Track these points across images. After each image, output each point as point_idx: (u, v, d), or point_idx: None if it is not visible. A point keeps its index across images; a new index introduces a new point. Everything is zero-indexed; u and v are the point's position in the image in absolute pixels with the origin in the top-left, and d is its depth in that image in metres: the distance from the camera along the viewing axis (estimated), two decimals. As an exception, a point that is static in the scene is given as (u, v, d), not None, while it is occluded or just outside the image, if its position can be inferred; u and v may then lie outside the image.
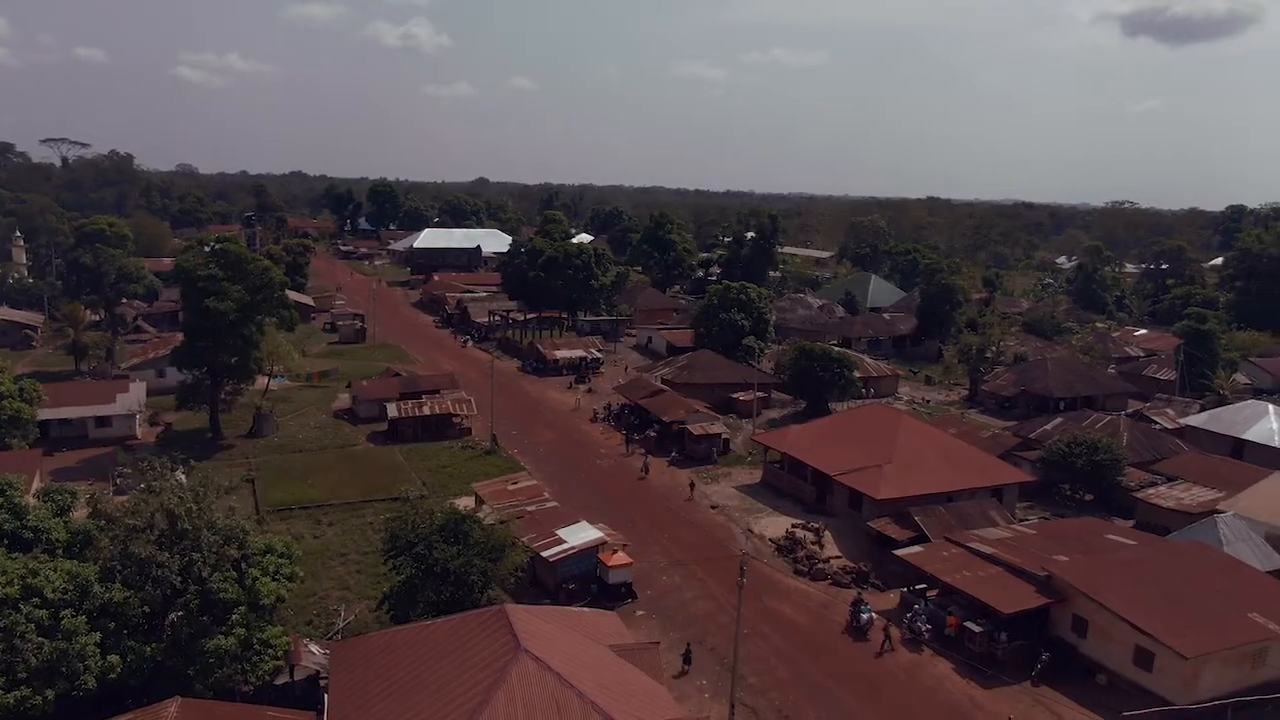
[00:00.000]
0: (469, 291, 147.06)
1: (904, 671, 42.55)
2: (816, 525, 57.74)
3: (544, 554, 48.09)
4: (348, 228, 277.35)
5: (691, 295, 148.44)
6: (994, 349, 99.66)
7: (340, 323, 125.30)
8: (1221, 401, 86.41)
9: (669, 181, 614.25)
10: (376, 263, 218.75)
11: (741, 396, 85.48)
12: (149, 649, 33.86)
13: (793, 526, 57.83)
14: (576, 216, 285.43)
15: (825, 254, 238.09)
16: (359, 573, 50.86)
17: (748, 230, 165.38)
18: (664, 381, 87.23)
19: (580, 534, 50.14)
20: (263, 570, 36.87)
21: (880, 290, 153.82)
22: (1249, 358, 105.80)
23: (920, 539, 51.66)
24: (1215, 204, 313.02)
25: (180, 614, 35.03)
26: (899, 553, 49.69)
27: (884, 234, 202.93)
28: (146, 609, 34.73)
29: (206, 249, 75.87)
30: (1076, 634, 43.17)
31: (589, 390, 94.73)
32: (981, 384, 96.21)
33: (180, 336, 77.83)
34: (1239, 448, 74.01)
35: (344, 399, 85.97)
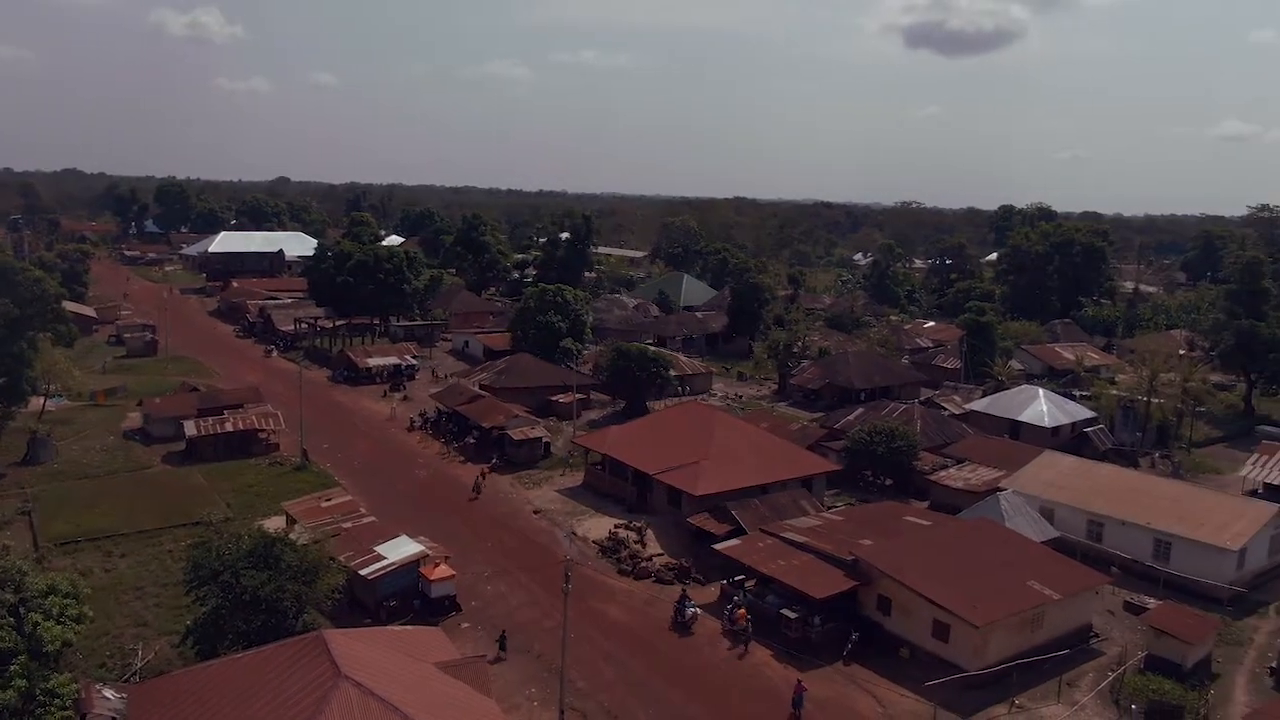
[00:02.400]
0: (272, 298, 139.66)
1: (725, 662, 43.98)
2: (639, 524, 58.70)
3: (362, 572, 46.46)
4: (133, 231, 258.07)
5: (508, 297, 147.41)
6: (800, 344, 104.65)
7: (127, 335, 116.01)
8: (1000, 387, 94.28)
9: (481, 181, 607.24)
10: (167, 269, 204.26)
11: (561, 399, 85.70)
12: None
13: (615, 527, 58.54)
14: (386, 218, 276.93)
15: (639, 254, 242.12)
16: (158, 606, 47.35)
17: (562, 231, 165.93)
18: (482, 386, 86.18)
19: (400, 548, 48.78)
20: (44, 614, 33.72)
21: (693, 289, 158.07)
22: (1022, 346, 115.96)
23: (738, 532, 53.48)
24: (989, 203, 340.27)
25: (-54, 670, 31.51)
26: (718, 546, 51.27)
27: (695, 234, 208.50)
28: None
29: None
30: (882, 612, 45.98)
31: (404, 398, 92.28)
32: (789, 378, 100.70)
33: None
34: (1016, 429, 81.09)
35: (134, 418, 79.72)
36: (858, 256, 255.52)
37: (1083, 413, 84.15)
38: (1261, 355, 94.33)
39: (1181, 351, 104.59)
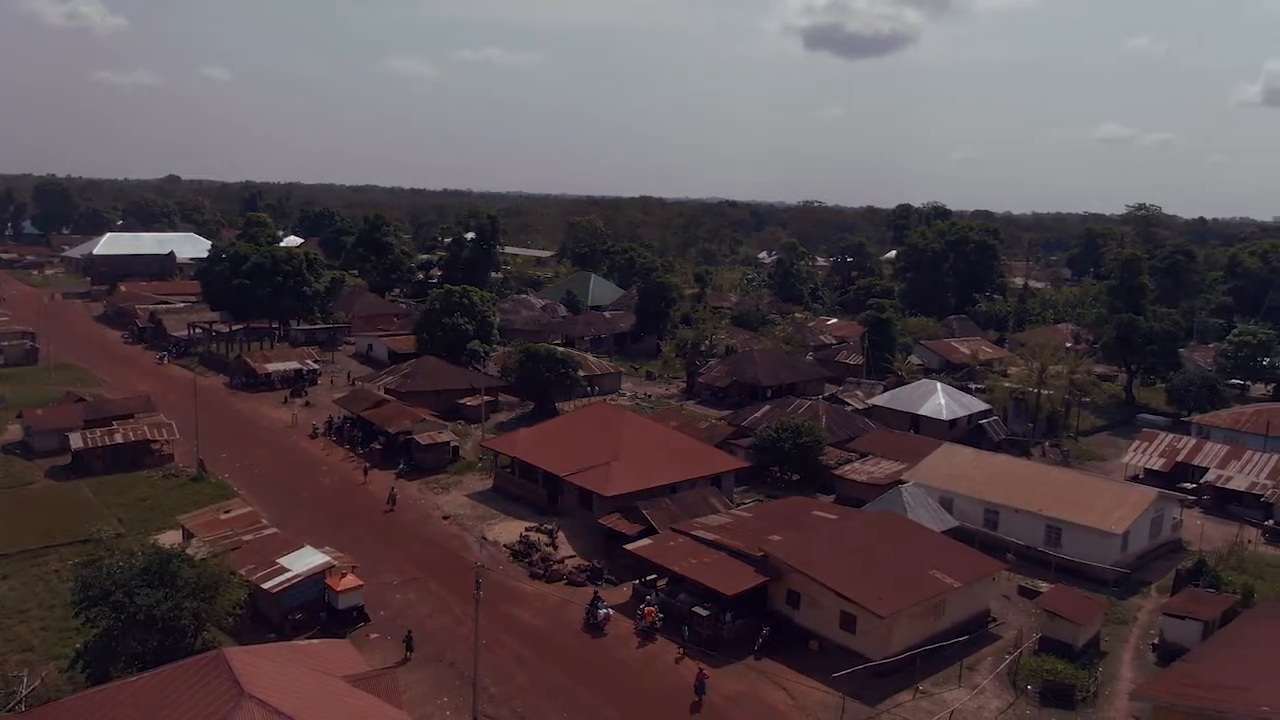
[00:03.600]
0: (163, 302, 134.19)
1: (638, 662, 44.18)
2: (550, 526, 58.50)
3: (265, 586, 45.08)
4: (9, 232, 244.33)
5: (412, 299, 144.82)
6: (707, 342, 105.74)
7: (5, 343, 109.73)
8: (900, 382, 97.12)
9: (383, 180, 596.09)
10: (48, 272, 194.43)
11: (469, 402, 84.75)
12: None
13: (526, 530, 58.20)
14: (283, 218, 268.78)
15: (546, 253, 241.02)
16: (44, 630, 44.94)
17: (467, 231, 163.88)
18: (387, 391, 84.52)
19: (304, 560, 47.50)
20: (-83, 643, 31.67)
21: (600, 289, 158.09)
22: (920, 341, 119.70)
23: (649, 531, 53.74)
24: (888, 202, 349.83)
25: None
26: (629, 547, 51.44)
27: (602, 234, 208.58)
28: None
29: None
30: (791, 606, 46.86)
31: (306, 404, 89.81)
32: (698, 377, 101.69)
33: None
34: (916, 422, 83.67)
35: (14, 430, 75.57)
36: (763, 255, 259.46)
37: (978, 405, 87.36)
38: (1140, 347, 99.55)
39: (1068, 345, 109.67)
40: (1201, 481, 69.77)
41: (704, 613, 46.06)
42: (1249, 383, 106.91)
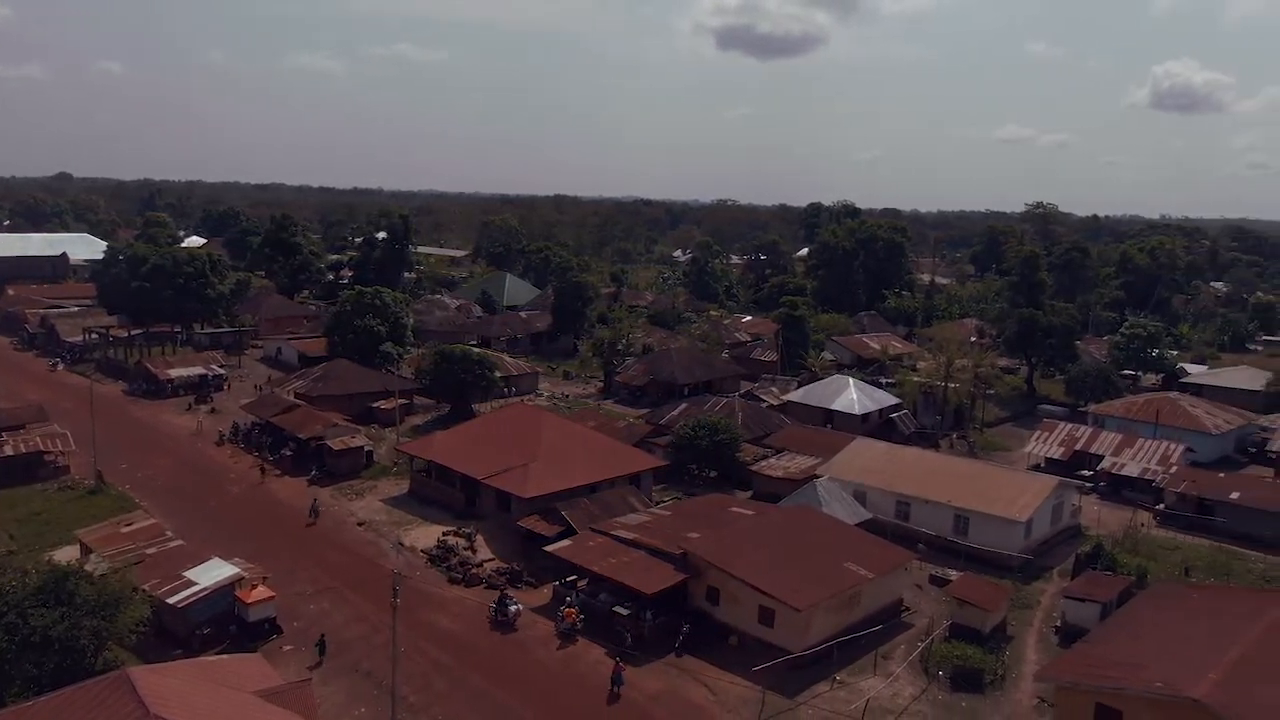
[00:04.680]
0: (56, 306, 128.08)
1: (559, 663, 44.03)
2: (468, 530, 57.87)
3: (170, 600, 43.50)
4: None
5: (322, 301, 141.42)
6: (624, 341, 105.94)
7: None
8: (814, 378, 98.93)
9: (290, 178, 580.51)
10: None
11: (383, 405, 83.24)
12: None
13: (444, 534, 57.45)
14: (184, 217, 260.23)
15: (460, 253, 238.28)
16: (-72, 655, 42.52)
17: (379, 230, 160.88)
18: (298, 395, 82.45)
19: (212, 572, 45.99)
20: None
21: (516, 288, 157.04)
22: (832, 337, 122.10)
23: (568, 532, 53.60)
24: (800, 200, 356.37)
25: None
26: (549, 548, 51.20)
27: (516, 233, 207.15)
28: None
29: None
30: (711, 603, 47.29)
31: (212, 411, 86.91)
32: (615, 376, 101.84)
33: None
34: (830, 417, 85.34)
35: (-108, 444, 71.18)
36: (678, 253, 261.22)
37: (889, 399, 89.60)
38: (1040, 341, 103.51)
39: (973, 339, 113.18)
40: (1098, 469, 72.90)
41: (624, 612, 46.16)
42: (1140, 373, 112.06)
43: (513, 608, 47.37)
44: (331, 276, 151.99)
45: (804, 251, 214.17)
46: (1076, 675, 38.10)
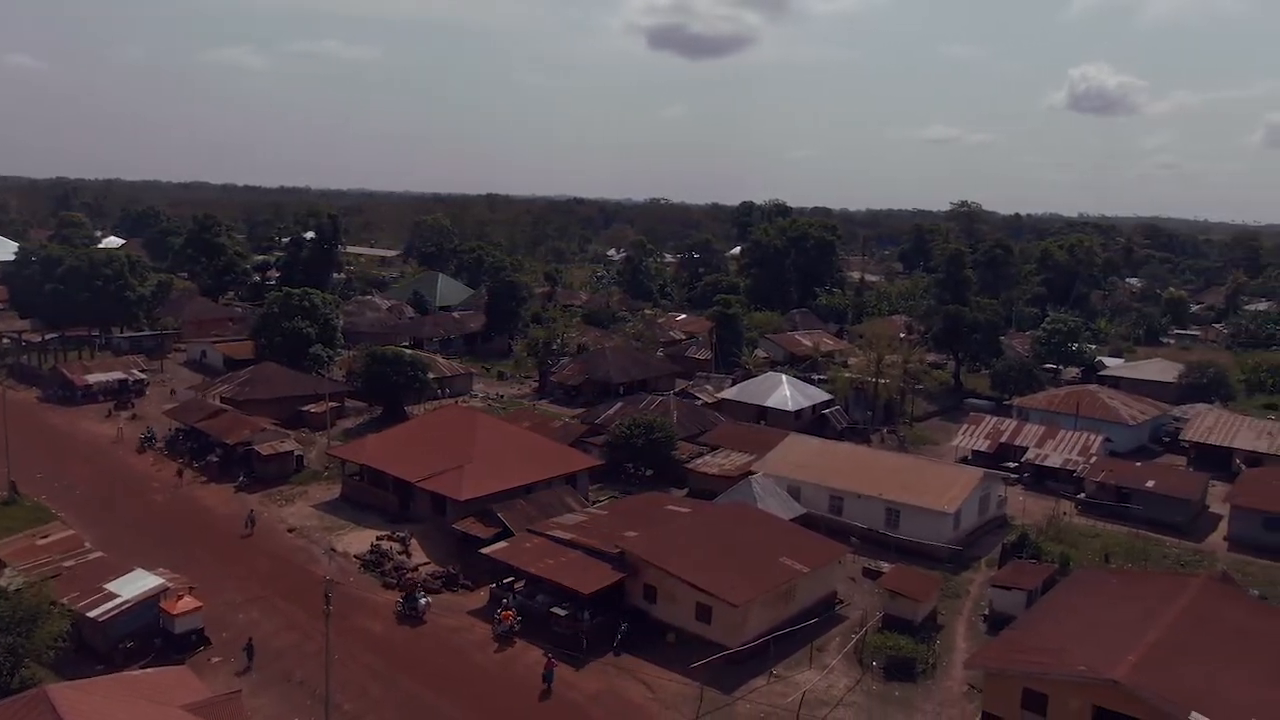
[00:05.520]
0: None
1: (497, 666, 43.74)
2: (402, 534, 57.08)
3: (91, 614, 42.05)
4: None
5: (248, 303, 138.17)
6: (559, 341, 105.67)
7: None
8: (748, 375, 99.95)
9: (214, 177, 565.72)
10: None
11: (313, 409, 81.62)
12: None
13: (378, 539, 56.59)
14: (102, 217, 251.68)
15: (391, 253, 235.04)
16: None
17: (307, 230, 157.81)
18: (224, 400, 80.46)
19: (135, 583, 44.60)
20: None
21: (449, 288, 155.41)
22: (765, 335, 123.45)
23: (505, 534, 53.27)
24: (732, 199, 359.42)
25: None
26: (485, 550, 50.82)
27: (449, 232, 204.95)
28: None
29: None
30: (648, 601, 47.43)
31: (133, 417, 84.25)
32: (550, 375, 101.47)
33: None
34: (763, 414, 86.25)
35: None
36: (612, 252, 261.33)
37: (821, 396, 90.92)
38: (966, 336, 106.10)
39: (902, 335, 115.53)
40: (1022, 460, 75.01)
41: (562, 612, 46.06)
42: (1061, 367, 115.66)
43: (422, 601, 47.88)
44: (258, 277, 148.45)
45: (737, 250, 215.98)
46: (1004, 662, 39.20)
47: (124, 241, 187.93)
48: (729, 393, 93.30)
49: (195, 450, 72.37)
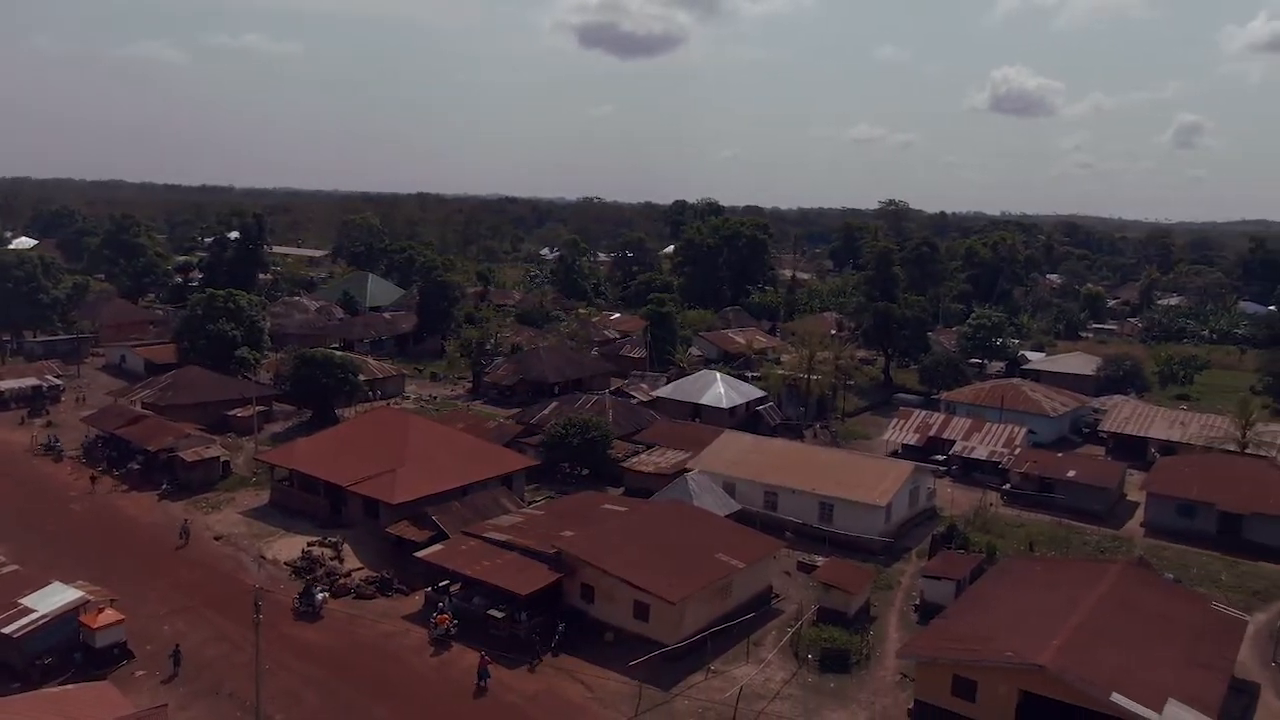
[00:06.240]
0: None
1: (433, 670, 43.25)
2: (335, 539, 56.10)
3: (4, 630, 40.41)
4: None
5: (170, 305, 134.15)
6: (492, 341, 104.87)
7: None
8: (682, 373, 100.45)
9: (131, 175, 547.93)
10: None
11: (239, 413, 79.69)
12: None
13: (309, 545, 55.50)
14: (11, 217, 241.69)
15: (319, 253, 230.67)
16: None
17: (231, 230, 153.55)
18: (145, 405, 78.02)
19: (52, 597, 42.98)
20: None
21: (379, 289, 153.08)
22: (699, 333, 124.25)
23: (440, 537, 52.66)
24: (664, 198, 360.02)
25: None
26: (420, 554, 50.20)
27: (378, 232, 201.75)
28: None
29: None
30: (586, 601, 47.35)
31: (49, 424, 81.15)
32: (484, 376, 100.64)
33: None
34: (698, 411, 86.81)
35: None
36: (545, 251, 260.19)
37: (755, 393, 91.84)
38: (895, 333, 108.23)
39: (833, 332, 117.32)
40: (950, 453, 76.79)
41: (499, 614, 45.74)
42: (986, 361, 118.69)
43: (319, 596, 47.82)
44: (179, 279, 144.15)
45: (670, 249, 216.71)
46: (934, 650, 40.11)
47: (36, 242, 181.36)
48: (664, 391, 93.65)
49: (115, 458, 70.06)
